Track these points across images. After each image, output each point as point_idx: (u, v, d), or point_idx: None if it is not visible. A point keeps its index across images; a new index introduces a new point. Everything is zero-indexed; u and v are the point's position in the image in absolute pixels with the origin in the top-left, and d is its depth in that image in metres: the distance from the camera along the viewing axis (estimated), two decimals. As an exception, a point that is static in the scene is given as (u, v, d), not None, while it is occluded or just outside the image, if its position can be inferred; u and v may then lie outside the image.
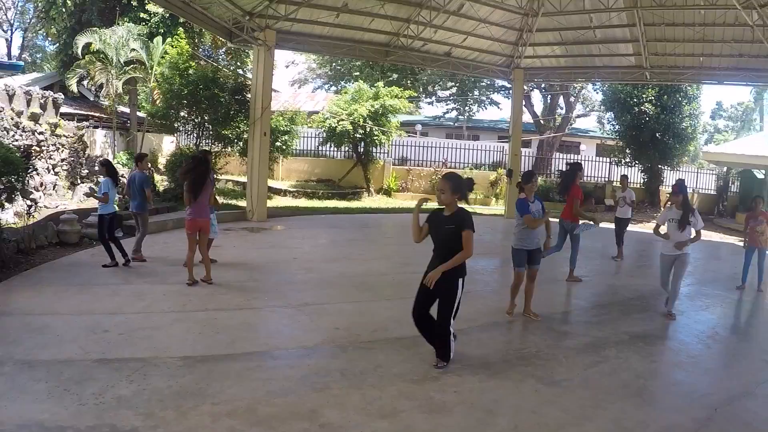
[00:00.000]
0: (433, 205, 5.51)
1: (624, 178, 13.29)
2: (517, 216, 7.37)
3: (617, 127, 25.41)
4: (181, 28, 20.14)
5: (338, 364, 5.47)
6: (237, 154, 18.78)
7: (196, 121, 17.62)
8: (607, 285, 10.36)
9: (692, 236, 7.94)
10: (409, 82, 32.93)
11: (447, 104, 37.59)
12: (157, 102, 20.40)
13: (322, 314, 7.16)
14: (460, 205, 5.45)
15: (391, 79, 31.50)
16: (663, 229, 8.23)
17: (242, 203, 16.47)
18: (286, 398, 4.72)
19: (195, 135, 18.13)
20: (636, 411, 5.00)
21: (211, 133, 17.77)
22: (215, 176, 12.67)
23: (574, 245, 10.01)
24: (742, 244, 10.56)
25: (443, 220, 5.38)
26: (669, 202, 8.15)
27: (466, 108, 36.95)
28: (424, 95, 37.59)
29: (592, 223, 9.76)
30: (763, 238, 10.04)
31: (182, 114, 17.61)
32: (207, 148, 16.23)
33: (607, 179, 27.39)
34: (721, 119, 44.74)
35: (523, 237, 7.30)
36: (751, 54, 16.90)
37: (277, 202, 19.36)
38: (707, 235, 18.71)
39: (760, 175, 22.73)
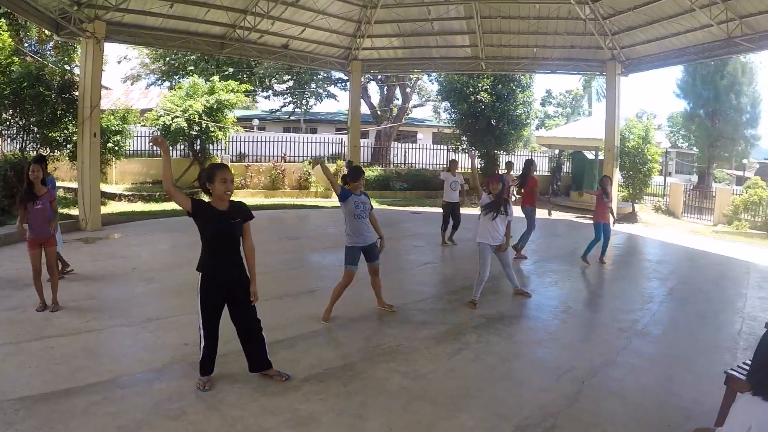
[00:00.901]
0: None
1: (453, 162, 13.07)
2: (344, 211, 6.64)
3: (453, 115, 26.13)
4: (2, 20, 17.72)
5: (192, 384, 4.84)
6: (66, 158, 16.93)
7: (20, 123, 15.71)
8: (454, 269, 10.39)
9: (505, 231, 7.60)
10: (245, 75, 31.86)
11: (284, 98, 36.91)
12: (-24, 104, 17.83)
13: (167, 329, 6.38)
14: None
15: (227, 73, 30.36)
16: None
17: (74, 211, 14.90)
18: (140, 432, 4.13)
19: (20, 139, 16.10)
20: (507, 395, 4.90)
21: (37, 136, 15.89)
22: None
23: (529, 225, 11.00)
24: (592, 221, 11.07)
25: (224, 214, 4.68)
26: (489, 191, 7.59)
27: (303, 101, 36.55)
28: (260, 89, 36.64)
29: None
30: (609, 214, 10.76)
31: (5, 116, 15.60)
32: (43, 153, 14.46)
33: (445, 166, 28.21)
34: (551, 106, 48.26)
35: (356, 234, 6.59)
36: (582, 45, 18.17)
37: (112, 207, 17.77)
38: (545, 212, 19.90)
39: (590, 155, 24.49)
